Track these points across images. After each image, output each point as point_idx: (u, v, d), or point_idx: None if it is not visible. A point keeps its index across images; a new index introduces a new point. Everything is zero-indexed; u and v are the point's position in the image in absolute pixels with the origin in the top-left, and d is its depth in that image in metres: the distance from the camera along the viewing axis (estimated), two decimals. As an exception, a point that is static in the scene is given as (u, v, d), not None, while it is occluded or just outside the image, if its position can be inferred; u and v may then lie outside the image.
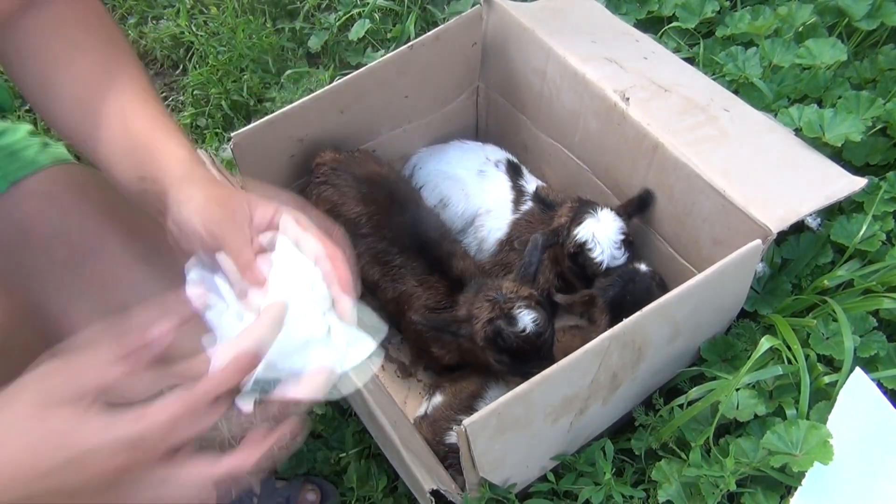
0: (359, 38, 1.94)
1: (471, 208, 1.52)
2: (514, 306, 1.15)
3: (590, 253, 1.30)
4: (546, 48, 1.37)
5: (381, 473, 1.30)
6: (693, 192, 1.19)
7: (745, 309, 1.27)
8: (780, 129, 1.30)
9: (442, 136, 1.66)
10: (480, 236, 1.52)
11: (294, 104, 1.33)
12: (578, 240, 1.31)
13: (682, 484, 1.09)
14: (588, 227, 1.31)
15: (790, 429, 1.02)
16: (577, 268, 1.34)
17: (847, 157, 1.39)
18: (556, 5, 1.49)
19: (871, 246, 1.25)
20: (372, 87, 1.40)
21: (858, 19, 1.53)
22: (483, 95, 1.65)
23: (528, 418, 0.98)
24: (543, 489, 1.15)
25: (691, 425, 1.14)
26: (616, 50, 1.38)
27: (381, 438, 1.12)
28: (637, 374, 1.12)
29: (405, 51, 1.38)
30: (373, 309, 0.98)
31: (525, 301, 1.16)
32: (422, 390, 1.48)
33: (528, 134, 1.59)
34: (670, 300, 1.01)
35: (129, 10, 2.25)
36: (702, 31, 1.72)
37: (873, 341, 1.17)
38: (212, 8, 2.11)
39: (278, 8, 2.13)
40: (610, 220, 1.31)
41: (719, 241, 1.19)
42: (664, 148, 1.21)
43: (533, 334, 1.13)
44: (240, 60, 1.97)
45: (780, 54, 1.52)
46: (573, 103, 1.38)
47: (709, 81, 1.35)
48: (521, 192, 1.52)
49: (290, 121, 1.34)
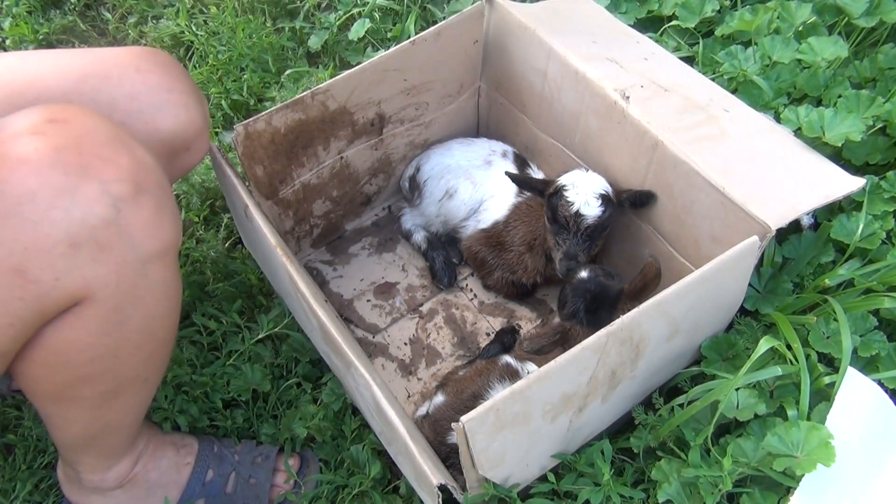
0: (359, 37, 1.94)
1: (478, 195, 1.56)
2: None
3: (565, 193, 1.32)
4: (547, 48, 1.37)
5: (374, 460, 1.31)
6: (692, 190, 1.19)
7: (747, 308, 1.27)
8: (780, 128, 1.30)
9: (444, 135, 1.66)
10: (481, 217, 1.57)
11: (294, 98, 1.34)
12: (559, 183, 1.35)
13: (682, 483, 1.09)
14: (572, 175, 1.35)
15: (791, 430, 1.02)
16: (550, 211, 1.36)
17: (847, 157, 1.39)
18: (557, 5, 1.49)
19: (871, 244, 1.25)
20: (372, 83, 1.41)
21: (857, 17, 1.53)
22: (484, 95, 1.65)
23: (526, 415, 0.98)
24: (544, 489, 1.15)
25: (691, 425, 1.13)
26: (616, 50, 1.38)
27: (387, 433, 1.12)
28: (636, 373, 1.12)
29: (407, 46, 1.38)
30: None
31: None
32: (422, 389, 1.48)
33: (529, 133, 1.59)
34: (668, 297, 1.01)
35: (129, 9, 2.25)
36: (702, 31, 1.72)
37: (874, 341, 1.17)
38: (211, 7, 2.11)
39: (278, 7, 2.13)
40: (597, 177, 1.34)
41: (718, 239, 1.18)
42: (664, 146, 1.21)
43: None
44: (240, 60, 1.97)
45: (780, 51, 1.52)
46: (574, 102, 1.38)
47: (709, 82, 1.35)
48: (526, 176, 1.54)
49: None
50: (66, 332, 0.87)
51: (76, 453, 1.13)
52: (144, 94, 1.03)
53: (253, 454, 1.31)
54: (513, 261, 1.53)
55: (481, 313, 1.59)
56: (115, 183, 0.82)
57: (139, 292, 0.90)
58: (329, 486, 1.29)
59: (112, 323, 0.89)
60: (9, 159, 0.77)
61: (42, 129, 0.79)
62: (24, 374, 0.92)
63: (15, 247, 0.77)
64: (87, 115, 0.84)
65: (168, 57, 1.09)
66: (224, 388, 1.39)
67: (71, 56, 1.04)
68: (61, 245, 0.79)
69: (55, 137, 0.79)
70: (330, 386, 1.39)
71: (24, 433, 1.39)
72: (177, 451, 1.26)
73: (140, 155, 0.87)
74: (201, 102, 1.10)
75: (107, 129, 0.85)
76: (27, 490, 1.31)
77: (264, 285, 1.57)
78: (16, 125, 0.79)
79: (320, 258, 1.70)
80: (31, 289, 0.79)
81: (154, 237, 0.88)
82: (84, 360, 0.91)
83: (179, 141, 1.07)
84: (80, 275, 0.82)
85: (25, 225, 0.77)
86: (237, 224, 1.53)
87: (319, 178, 1.54)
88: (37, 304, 0.81)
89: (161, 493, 1.22)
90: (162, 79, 1.04)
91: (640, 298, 1.33)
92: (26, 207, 0.77)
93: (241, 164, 1.36)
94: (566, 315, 1.27)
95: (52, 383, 0.94)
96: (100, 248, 0.82)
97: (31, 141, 0.78)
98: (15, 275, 0.78)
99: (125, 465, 1.19)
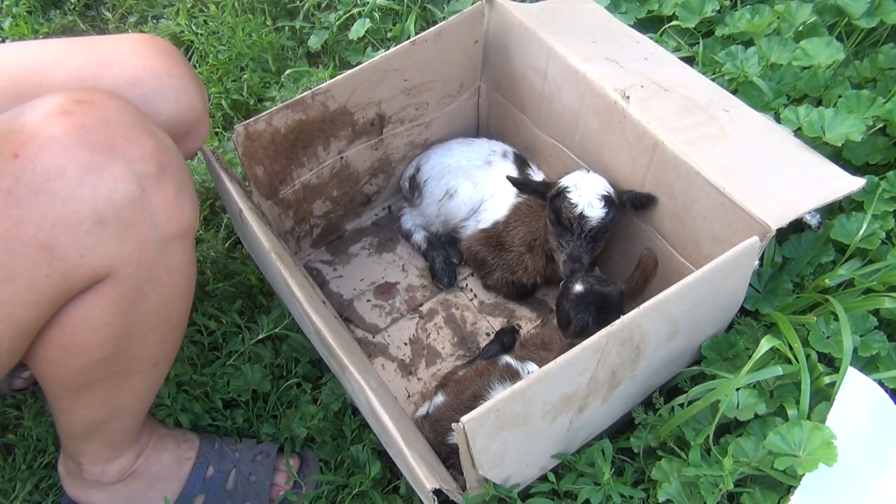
0: (359, 37, 1.94)
1: (478, 195, 1.56)
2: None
3: (568, 195, 1.32)
4: (547, 48, 1.37)
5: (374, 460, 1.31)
6: (693, 190, 1.19)
7: (747, 308, 1.27)
8: (780, 129, 1.30)
9: (444, 135, 1.66)
10: (481, 217, 1.57)
11: (295, 98, 1.34)
12: (561, 185, 1.34)
13: (682, 483, 1.09)
14: (574, 176, 1.34)
15: (793, 430, 1.02)
16: (553, 214, 1.35)
17: (847, 157, 1.39)
18: (557, 6, 1.49)
19: (871, 244, 1.25)
20: (372, 83, 1.41)
21: (857, 17, 1.53)
22: (484, 95, 1.65)
23: (526, 416, 0.98)
24: (544, 489, 1.15)
25: (691, 424, 1.14)
26: (616, 50, 1.38)
27: (383, 436, 1.12)
28: (637, 373, 1.11)
29: (407, 46, 1.38)
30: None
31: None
32: (422, 389, 1.48)
33: (529, 133, 1.59)
34: (668, 297, 1.01)
35: (129, 9, 2.25)
36: (702, 31, 1.72)
37: (874, 341, 1.17)
38: (211, 7, 2.11)
39: (278, 7, 2.13)
40: (599, 178, 1.34)
41: (718, 239, 1.18)
42: (664, 146, 1.21)
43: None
44: (239, 59, 1.97)
45: (779, 52, 1.52)
46: (574, 102, 1.38)
47: (709, 82, 1.35)
48: (526, 179, 1.54)
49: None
50: (84, 310, 0.88)
51: (81, 443, 1.14)
52: (145, 80, 1.04)
53: (253, 452, 1.31)
54: (513, 261, 1.53)
55: (481, 313, 1.59)
56: (140, 162, 0.84)
57: (158, 272, 0.91)
58: (329, 486, 1.29)
59: (130, 301, 0.91)
60: (38, 137, 0.78)
61: (70, 109, 0.81)
62: (39, 356, 0.93)
63: (44, 223, 0.78)
64: (111, 98, 0.86)
65: (166, 43, 1.10)
66: (224, 388, 1.39)
67: (71, 44, 1.05)
68: (88, 222, 0.80)
69: (82, 117, 0.81)
70: (330, 386, 1.39)
71: (24, 433, 1.39)
72: (178, 446, 1.26)
73: (161, 137, 0.89)
74: (200, 87, 1.11)
75: (130, 110, 0.87)
76: (27, 490, 1.31)
77: (264, 285, 1.57)
78: (44, 106, 0.81)
79: (320, 258, 1.70)
80: (58, 266, 0.80)
81: (175, 218, 0.89)
82: (99, 341, 0.92)
83: (181, 125, 1.08)
84: (104, 252, 0.83)
85: (55, 202, 0.78)
86: (234, 225, 1.53)
87: (319, 178, 1.54)
88: (62, 281, 0.82)
89: (161, 487, 1.23)
90: (162, 64, 1.05)
91: (643, 293, 1.34)
92: (56, 184, 0.78)
93: (241, 165, 1.37)
94: (574, 332, 1.24)
95: (65, 366, 0.95)
96: (124, 226, 0.84)
97: (60, 120, 0.80)
98: (43, 251, 0.79)
99: (128, 457, 1.19)
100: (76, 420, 1.08)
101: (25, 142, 0.78)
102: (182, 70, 1.07)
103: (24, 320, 0.83)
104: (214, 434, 1.35)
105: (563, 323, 1.27)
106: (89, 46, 1.04)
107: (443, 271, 1.61)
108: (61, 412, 1.07)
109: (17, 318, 0.82)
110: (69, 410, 1.06)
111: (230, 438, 1.35)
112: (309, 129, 1.40)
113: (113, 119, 0.83)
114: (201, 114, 1.11)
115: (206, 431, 1.37)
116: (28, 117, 0.80)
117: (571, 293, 1.24)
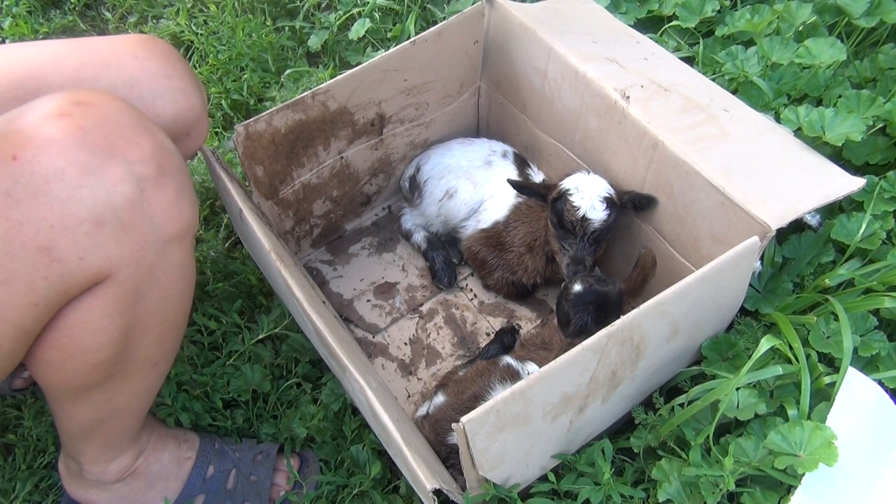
0: (359, 37, 1.94)
1: (478, 195, 1.56)
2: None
3: (570, 197, 1.31)
4: (547, 48, 1.37)
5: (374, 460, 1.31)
6: (693, 190, 1.19)
7: (747, 308, 1.27)
8: (780, 129, 1.30)
9: (444, 135, 1.66)
10: (481, 217, 1.57)
11: (295, 98, 1.34)
12: (563, 187, 1.34)
13: (682, 483, 1.09)
14: (575, 178, 1.34)
15: (793, 429, 1.02)
16: (555, 216, 1.35)
17: (847, 157, 1.39)
18: (557, 6, 1.49)
19: (872, 244, 1.25)
20: (372, 83, 1.40)
21: (857, 17, 1.53)
22: (484, 95, 1.65)
23: (526, 416, 0.98)
24: (544, 489, 1.14)
25: (691, 424, 1.13)
26: (617, 50, 1.38)
27: (383, 436, 1.12)
28: (637, 373, 1.11)
29: (407, 46, 1.38)
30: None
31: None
32: (422, 389, 1.48)
33: (529, 133, 1.59)
34: (668, 297, 1.01)
35: (129, 9, 2.25)
36: (702, 31, 1.72)
37: (874, 340, 1.17)
38: (211, 6, 2.11)
39: (278, 7, 2.13)
40: (599, 179, 1.33)
41: (719, 239, 1.18)
42: (664, 146, 1.21)
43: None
44: (239, 59, 1.97)
45: (779, 52, 1.52)
46: (574, 102, 1.38)
47: (709, 83, 1.35)
48: (527, 180, 1.54)
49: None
50: (83, 312, 0.87)
51: (81, 442, 1.14)
52: (143, 81, 1.04)
53: (254, 452, 1.31)
54: (513, 261, 1.53)
55: (481, 313, 1.59)
56: (139, 164, 0.83)
57: (157, 273, 0.91)
58: (329, 486, 1.29)
59: (129, 303, 0.90)
60: (37, 139, 0.78)
61: (69, 110, 0.80)
62: (38, 358, 0.93)
63: (42, 225, 0.78)
64: (111, 99, 0.85)
65: (165, 44, 1.10)
66: (224, 388, 1.39)
67: (69, 46, 1.05)
68: (87, 223, 0.80)
69: (81, 119, 0.81)
70: (330, 386, 1.39)
71: (24, 433, 1.39)
72: (178, 446, 1.27)
73: (161, 138, 0.88)
74: (199, 87, 1.11)
75: (130, 111, 0.86)
76: (27, 490, 1.31)
77: (264, 285, 1.57)
78: (43, 108, 0.81)
79: (320, 258, 1.70)
80: (56, 268, 0.80)
81: (174, 219, 0.89)
82: (98, 343, 0.92)
83: (180, 126, 1.08)
84: (103, 254, 0.83)
85: (54, 204, 0.78)
86: (234, 225, 1.53)
87: (319, 178, 1.54)
88: (61, 283, 0.82)
89: (161, 486, 1.23)
90: (160, 65, 1.05)
91: (643, 292, 1.34)
92: (54, 185, 0.78)
93: (242, 165, 1.36)
94: (574, 332, 1.24)
95: (64, 368, 0.95)
96: (123, 227, 0.83)
97: (59, 122, 0.79)
98: (41, 254, 0.79)
99: (128, 457, 1.19)
100: (76, 420, 1.08)
101: (24, 143, 0.78)
102: (181, 70, 1.07)
103: (22, 323, 0.83)
104: (214, 434, 1.35)
105: (562, 323, 1.27)
106: (88, 48, 1.04)
107: (443, 271, 1.61)
108: (61, 412, 1.07)
109: (16, 321, 0.82)
110: (69, 411, 1.06)
111: (230, 438, 1.35)
112: (309, 129, 1.40)
113: (112, 120, 0.83)
114: (200, 114, 1.11)
115: (207, 431, 1.37)
116: (26, 119, 0.79)
117: (571, 293, 1.25)
